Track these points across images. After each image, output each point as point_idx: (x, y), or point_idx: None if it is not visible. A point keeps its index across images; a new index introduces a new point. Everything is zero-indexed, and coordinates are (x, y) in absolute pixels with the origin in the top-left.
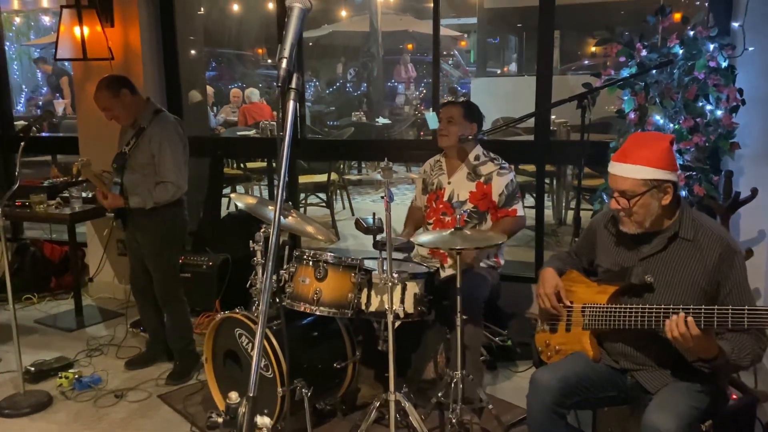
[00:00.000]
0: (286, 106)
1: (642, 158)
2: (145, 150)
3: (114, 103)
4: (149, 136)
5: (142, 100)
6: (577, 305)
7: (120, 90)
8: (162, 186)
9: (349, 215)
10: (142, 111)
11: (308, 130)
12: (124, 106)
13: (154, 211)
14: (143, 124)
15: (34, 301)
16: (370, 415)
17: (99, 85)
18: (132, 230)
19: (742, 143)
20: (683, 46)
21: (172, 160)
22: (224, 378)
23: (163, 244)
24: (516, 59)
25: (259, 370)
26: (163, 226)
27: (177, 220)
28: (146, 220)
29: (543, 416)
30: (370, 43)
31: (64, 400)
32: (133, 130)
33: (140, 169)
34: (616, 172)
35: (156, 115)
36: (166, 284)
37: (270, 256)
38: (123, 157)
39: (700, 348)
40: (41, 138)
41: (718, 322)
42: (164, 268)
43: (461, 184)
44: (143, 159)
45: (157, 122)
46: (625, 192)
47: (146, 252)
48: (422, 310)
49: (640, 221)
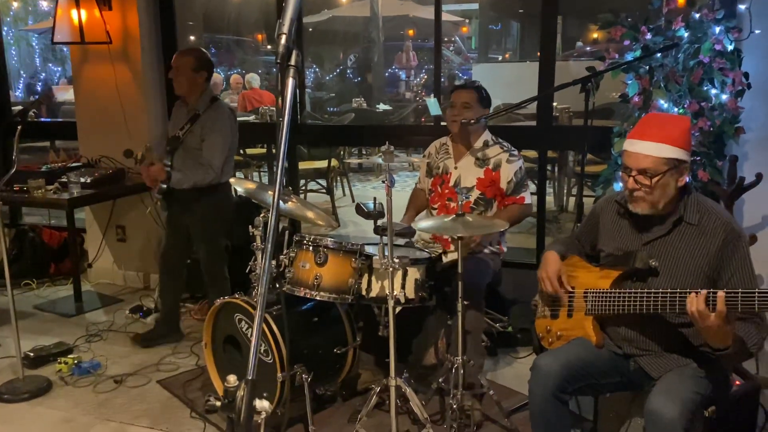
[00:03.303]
0: (285, 83)
1: (664, 137)
2: (197, 135)
3: (188, 73)
4: (203, 122)
5: (207, 88)
6: (579, 290)
7: (201, 69)
8: (202, 169)
9: (349, 202)
10: (201, 96)
11: (308, 116)
12: (193, 82)
13: (202, 194)
14: (199, 110)
15: (33, 286)
16: (371, 401)
17: (189, 50)
18: (178, 211)
19: (747, 128)
20: (688, 29)
21: (218, 146)
22: (224, 363)
23: (210, 225)
24: (518, 45)
25: (257, 353)
26: (210, 208)
27: (223, 202)
28: (194, 203)
29: (545, 402)
30: (371, 28)
31: (64, 386)
32: (188, 114)
33: (191, 152)
34: (636, 150)
35: (213, 102)
36: (213, 264)
37: (269, 237)
38: (177, 141)
39: (717, 332)
40: (40, 123)
41: (728, 306)
42: (210, 247)
43: (468, 169)
44: (194, 143)
45: (213, 109)
46: (647, 170)
47: (194, 232)
48: (423, 296)
49: (656, 202)
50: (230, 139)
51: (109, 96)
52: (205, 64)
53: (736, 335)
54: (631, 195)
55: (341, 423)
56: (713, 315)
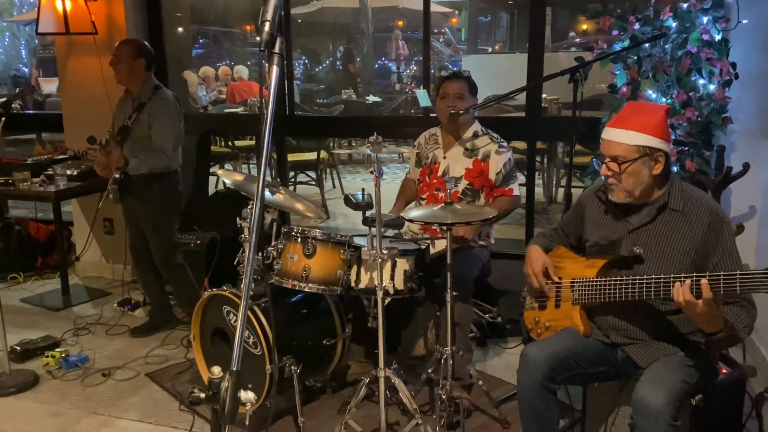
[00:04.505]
0: (270, 72)
1: (636, 125)
2: (144, 123)
3: (128, 61)
4: (149, 110)
5: (149, 77)
6: (566, 281)
7: (139, 57)
8: (155, 154)
9: (339, 194)
10: (144, 85)
11: (297, 108)
12: (133, 72)
13: (153, 181)
14: (144, 99)
15: (20, 280)
16: (360, 392)
17: (130, 40)
18: (131, 200)
19: (735, 118)
20: (676, 19)
21: (167, 131)
22: (212, 356)
23: (161, 213)
24: (508, 37)
25: (242, 344)
26: (161, 195)
27: (174, 189)
28: (146, 190)
29: (533, 392)
30: (360, 19)
31: (51, 379)
32: (133, 104)
33: (140, 141)
34: (609, 137)
35: (156, 90)
36: (164, 251)
37: (253, 228)
38: (126, 131)
39: (708, 317)
40: (25, 115)
41: (711, 290)
42: (161, 235)
43: (457, 159)
44: (142, 132)
45: (157, 97)
46: (617, 158)
47: (144, 221)
48: (412, 287)
49: (630, 190)
50: (177, 123)
51: (95, 88)
52: (144, 52)
53: (726, 319)
54: (608, 184)
55: (331, 414)
56: (701, 302)
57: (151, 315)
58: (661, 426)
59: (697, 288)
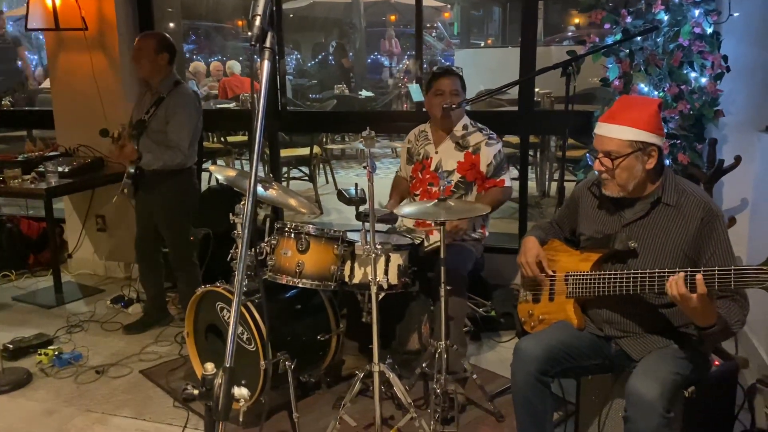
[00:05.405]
0: (261, 67)
1: (629, 119)
2: (162, 117)
3: (150, 55)
4: (167, 104)
5: (170, 71)
6: (560, 274)
7: (163, 52)
8: (170, 150)
9: (332, 189)
10: (165, 80)
11: (290, 103)
12: (155, 64)
13: (168, 178)
14: (163, 94)
15: (12, 278)
16: (355, 387)
17: (152, 33)
18: (145, 197)
19: (727, 111)
20: (668, 12)
21: (184, 128)
22: (206, 352)
23: (176, 211)
24: (500, 31)
25: (236, 340)
26: (176, 192)
27: (189, 187)
28: (161, 187)
29: (527, 385)
30: (352, 14)
31: (44, 377)
32: (152, 98)
33: (155, 135)
34: (602, 133)
35: (176, 86)
36: (179, 248)
37: (246, 224)
38: (142, 125)
39: (702, 312)
40: (16, 112)
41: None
42: (177, 232)
43: (449, 153)
44: (159, 126)
45: (177, 92)
46: (610, 153)
47: (160, 219)
48: (406, 282)
49: (624, 184)
50: (195, 120)
51: (86, 84)
52: (167, 47)
53: (719, 313)
54: (602, 178)
55: (325, 409)
56: (695, 296)
57: (144, 311)
58: (654, 418)
59: (692, 283)
